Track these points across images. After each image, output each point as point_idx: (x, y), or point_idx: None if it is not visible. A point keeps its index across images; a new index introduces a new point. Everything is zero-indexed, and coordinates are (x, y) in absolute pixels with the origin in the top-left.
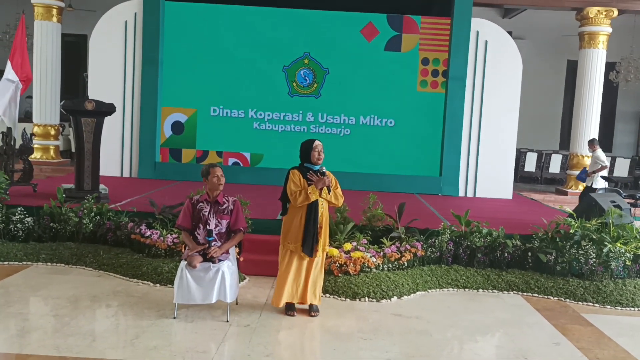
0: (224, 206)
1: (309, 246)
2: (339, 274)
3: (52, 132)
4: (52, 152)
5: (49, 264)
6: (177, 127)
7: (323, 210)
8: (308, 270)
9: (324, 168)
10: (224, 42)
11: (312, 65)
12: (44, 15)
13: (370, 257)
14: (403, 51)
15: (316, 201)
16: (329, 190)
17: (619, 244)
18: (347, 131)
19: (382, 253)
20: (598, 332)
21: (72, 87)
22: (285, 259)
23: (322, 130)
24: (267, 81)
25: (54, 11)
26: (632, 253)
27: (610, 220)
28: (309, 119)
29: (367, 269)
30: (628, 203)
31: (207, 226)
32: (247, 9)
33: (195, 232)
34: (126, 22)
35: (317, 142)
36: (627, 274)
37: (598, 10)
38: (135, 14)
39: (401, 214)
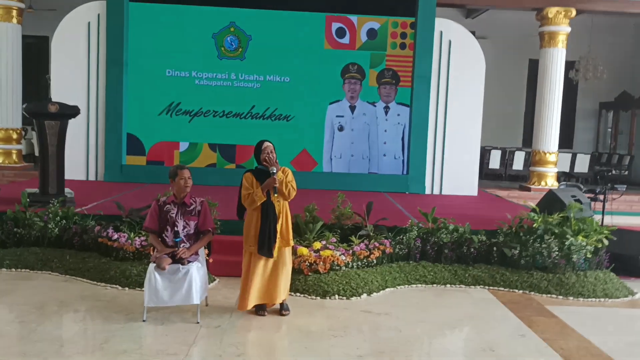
0: (191, 207)
1: (264, 247)
2: (309, 273)
3: (14, 135)
4: (14, 157)
5: (14, 269)
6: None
7: (280, 208)
8: (274, 270)
9: (274, 169)
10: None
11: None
12: (4, 16)
13: (340, 255)
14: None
15: (270, 202)
16: (275, 191)
17: (580, 237)
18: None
19: (351, 251)
20: (562, 323)
21: (34, 89)
22: (248, 261)
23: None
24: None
25: (14, 12)
26: (593, 246)
27: (572, 214)
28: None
29: (337, 267)
30: (588, 197)
31: (175, 228)
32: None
33: (164, 235)
34: (89, 23)
35: (265, 144)
36: (588, 266)
37: (557, 10)
38: (99, 15)
39: (369, 212)
